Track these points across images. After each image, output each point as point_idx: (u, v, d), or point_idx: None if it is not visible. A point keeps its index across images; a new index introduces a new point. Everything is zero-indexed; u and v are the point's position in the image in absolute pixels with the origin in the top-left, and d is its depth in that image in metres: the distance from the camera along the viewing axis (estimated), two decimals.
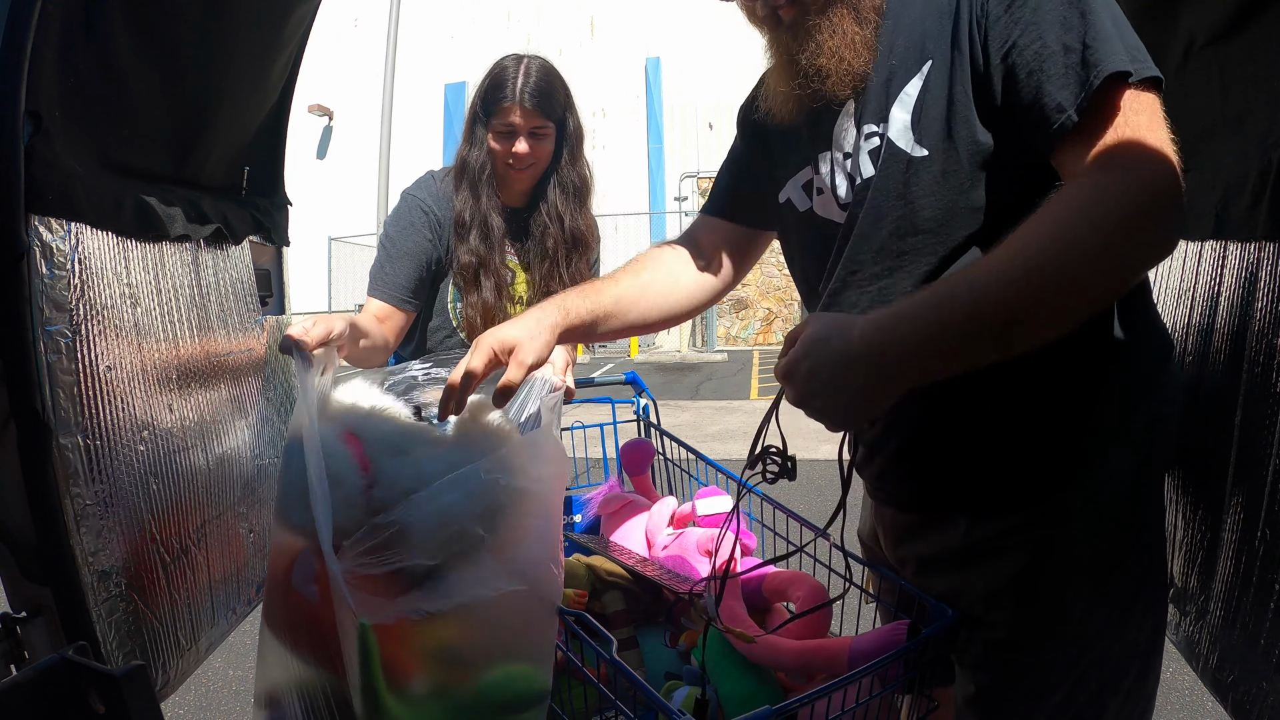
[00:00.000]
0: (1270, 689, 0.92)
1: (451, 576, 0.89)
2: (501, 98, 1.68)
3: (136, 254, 1.25)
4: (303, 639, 0.97)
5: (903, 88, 0.95)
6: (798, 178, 1.10)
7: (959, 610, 1.01)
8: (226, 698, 2.72)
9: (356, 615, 0.83)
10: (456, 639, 0.89)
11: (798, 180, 1.10)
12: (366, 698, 0.84)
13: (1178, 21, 1.15)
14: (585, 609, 1.13)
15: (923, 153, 0.94)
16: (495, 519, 0.94)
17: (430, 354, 1.88)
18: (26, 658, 1.03)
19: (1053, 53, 0.84)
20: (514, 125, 1.68)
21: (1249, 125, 1.01)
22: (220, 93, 1.45)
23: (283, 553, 1.02)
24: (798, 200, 1.11)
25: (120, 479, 1.18)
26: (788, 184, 1.12)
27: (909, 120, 0.95)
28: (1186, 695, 2.55)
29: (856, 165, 1.01)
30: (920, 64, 0.95)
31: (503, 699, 0.93)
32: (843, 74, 0.98)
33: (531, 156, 1.72)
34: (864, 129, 0.99)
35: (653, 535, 1.40)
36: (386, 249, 1.75)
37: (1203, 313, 1.14)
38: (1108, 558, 0.98)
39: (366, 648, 0.82)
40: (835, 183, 1.04)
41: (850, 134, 1.02)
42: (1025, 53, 0.86)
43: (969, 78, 0.91)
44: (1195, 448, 1.14)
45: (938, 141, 0.93)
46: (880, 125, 0.97)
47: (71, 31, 1.04)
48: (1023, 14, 0.86)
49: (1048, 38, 0.85)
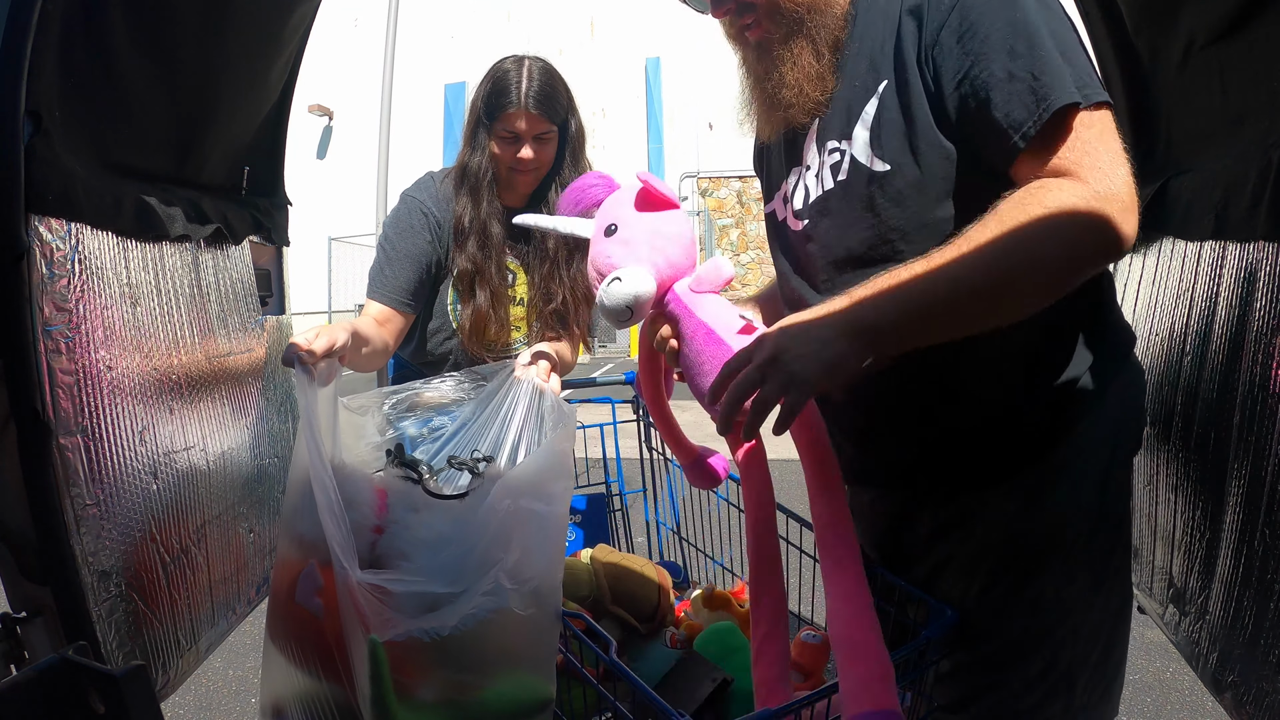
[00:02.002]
0: (1270, 689, 0.92)
1: (463, 600, 0.89)
2: (506, 103, 1.67)
3: (136, 254, 1.25)
4: (307, 652, 0.97)
5: (863, 107, 1.01)
6: (780, 191, 1.17)
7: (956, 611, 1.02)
8: (226, 698, 2.72)
9: (368, 631, 0.83)
10: (463, 653, 0.89)
11: (780, 193, 1.17)
12: (377, 710, 0.84)
13: (1178, 21, 1.15)
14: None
15: (884, 167, 0.99)
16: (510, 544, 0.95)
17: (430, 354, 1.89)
18: (26, 658, 1.03)
19: (999, 80, 0.90)
20: (519, 131, 1.68)
21: (1249, 125, 1.01)
22: (220, 92, 1.45)
23: (286, 567, 1.03)
24: (778, 210, 1.18)
25: (120, 479, 1.18)
26: (774, 198, 1.19)
27: (868, 137, 1.01)
28: (1186, 695, 2.55)
29: (818, 178, 1.07)
30: (876, 84, 1.01)
31: (508, 708, 0.93)
32: (804, 105, 1.06)
33: (536, 161, 1.72)
34: (826, 145, 1.06)
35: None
36: (386, 251, 1.75)
37: (1202, 312, 1.14)
38: (1079, 533, 1.03)
39: (377, 663, 0.83)
40: (794, 194, 1.12)
41: (812, 150, 1.09)
42: (975, 82, 0.91)
43: (924, 97, 0.97)
44: (1195, 447, 1.14)
45: (899, 156, 0.98)
46: (843, 143, 1.04)
47: (71, 31, 1.04)
48: (972, 45, 0.92)
49: (994, 66, 0.90)
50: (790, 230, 1.14)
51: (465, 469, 1.24)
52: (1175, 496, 1.20)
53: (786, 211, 1.15)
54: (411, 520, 1.05)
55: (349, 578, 0.85)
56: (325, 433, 1.06)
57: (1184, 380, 1.19)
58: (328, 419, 1.12)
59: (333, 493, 0.91)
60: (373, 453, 1.25)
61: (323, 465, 0.93)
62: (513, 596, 0.91)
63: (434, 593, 0.88)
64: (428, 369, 1.83)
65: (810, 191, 1.09)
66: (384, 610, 0.85)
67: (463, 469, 1.24)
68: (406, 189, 1.83)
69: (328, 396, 1.14)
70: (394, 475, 1.15)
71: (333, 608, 0.93)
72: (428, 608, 0.88)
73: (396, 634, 0.85)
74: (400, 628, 0.85)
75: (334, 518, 0.89)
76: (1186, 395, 1.18)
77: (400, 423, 1.32)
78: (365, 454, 1.24)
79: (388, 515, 1.05)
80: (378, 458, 1.24)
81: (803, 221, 1.10)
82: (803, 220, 1.10)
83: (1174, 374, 1.23)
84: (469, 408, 1.36)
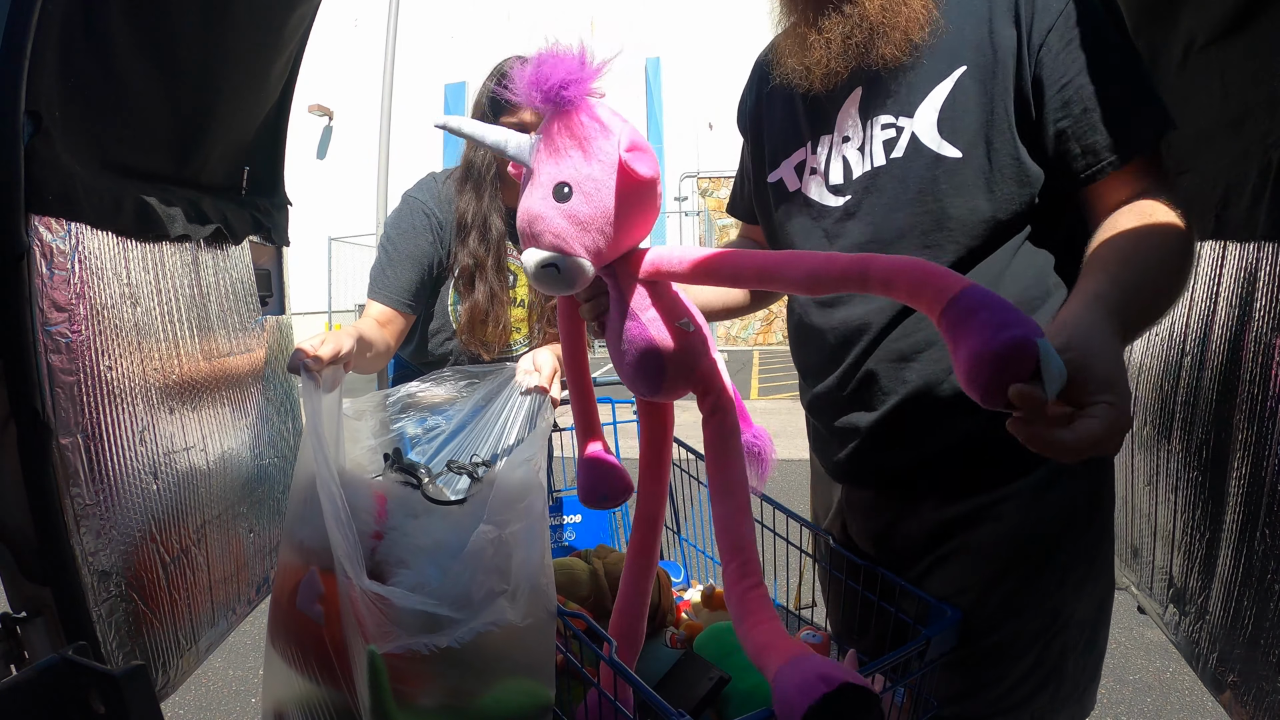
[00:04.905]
0: (1270, 689, 0.92)
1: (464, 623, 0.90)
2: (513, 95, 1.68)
3: (136, 254, 1.25)
4: (308, 657, 0.98)
5: (932, 88, 0.98)
6: (791, 159, 1.12)
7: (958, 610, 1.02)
8: (226, 698, 2.72)
9: (368, 641, 0.83)
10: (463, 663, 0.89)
11: (791, 161, 1.13)
12: (377, 717, 0.84)
13: (1178, 21, 1.15)
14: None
15: (955, 153, 0.97)
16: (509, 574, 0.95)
17: (430, 355, 1.88)
18: (26, 658, 1.03)
19: (1104, 95, 0.91)
20: (526, 123, 1.68)
21: (1249, 125, 1.01)
22: (220, 93, 1.45)
23: (288, 573, 1.03)
24: (789, 180, 1.13)
25: (120, 479, 1.18)
26: (781, 164, 1.14)
27: (936, 119, 0.98)
28: (1186, 695, 2.55)
29: (863, 152, 1.03)
30: (952, 68, 0.98)
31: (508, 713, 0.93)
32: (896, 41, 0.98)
33: None
34: (877, 119, 1.02)
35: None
36: (388, 252, 1.75)
37: (1202, 313, 1.14)
38: (1073, 532, 1.05)
39: (376, 672, 0.83)
40: (829, 167, 1.07)
41: (854, 122, 1.04)
42: (1083, 90, 0.92)
43: (1011, 94, 0.95)
44: (1195, 447, 1.14)
45: (972, 146, 0.97)
46: (901, 119, 1.00)
47: (71, 31, 1.04)
48: (1080, 53, 0.92)
49: (1098, 80, 0.91)
50: (816, 203, 1.09)
51: (464, 473, 1.24)
52: (1175, 496, 1.20)
53: (807, 183, 1.10)
54: (411, 527, 1.05)
55: (353, 587, 0.85)
56: (330, 440, 1.06)
57: (1184, 380, 1.19)
58: (332, 425, 1.12)
59: (339, 500, 0.91)
60: (370, 456, 1.25)
61: (329, 473, 0.93)
62: (510, 611, 0.91)
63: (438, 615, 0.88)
64: (428, 369, 1.83)
65: (852, 166, 1.05)
66: (385, 622, 0.85)
67: (461, 473, 1.24)
68: (408, 190, 1.83)
69: (332, 402, 1.14)
70: (393, 480, 1.15)
71: (334, 614, 0.93)
72: (429, 627, 0.88)
73: (395, 646, 0.85)
74: (400, 641, 0.85)
75: (340, 526, 0.89)
76: (1186, 395, 1.18)
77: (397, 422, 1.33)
78: (363, 458, 1.24)
79: (387, 521, 1.05)
80: (375, 461, 1.24)
81: (843, 197, 1.06)
82: (844, 195, 1.06)
83: (1174, 374, 1.23)
84: (468, 409, 1.36)
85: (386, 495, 1.10)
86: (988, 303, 0.63)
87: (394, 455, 1.23)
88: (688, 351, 0.88)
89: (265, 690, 1.06)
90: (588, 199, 0.81)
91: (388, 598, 0.86)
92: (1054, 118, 0.94)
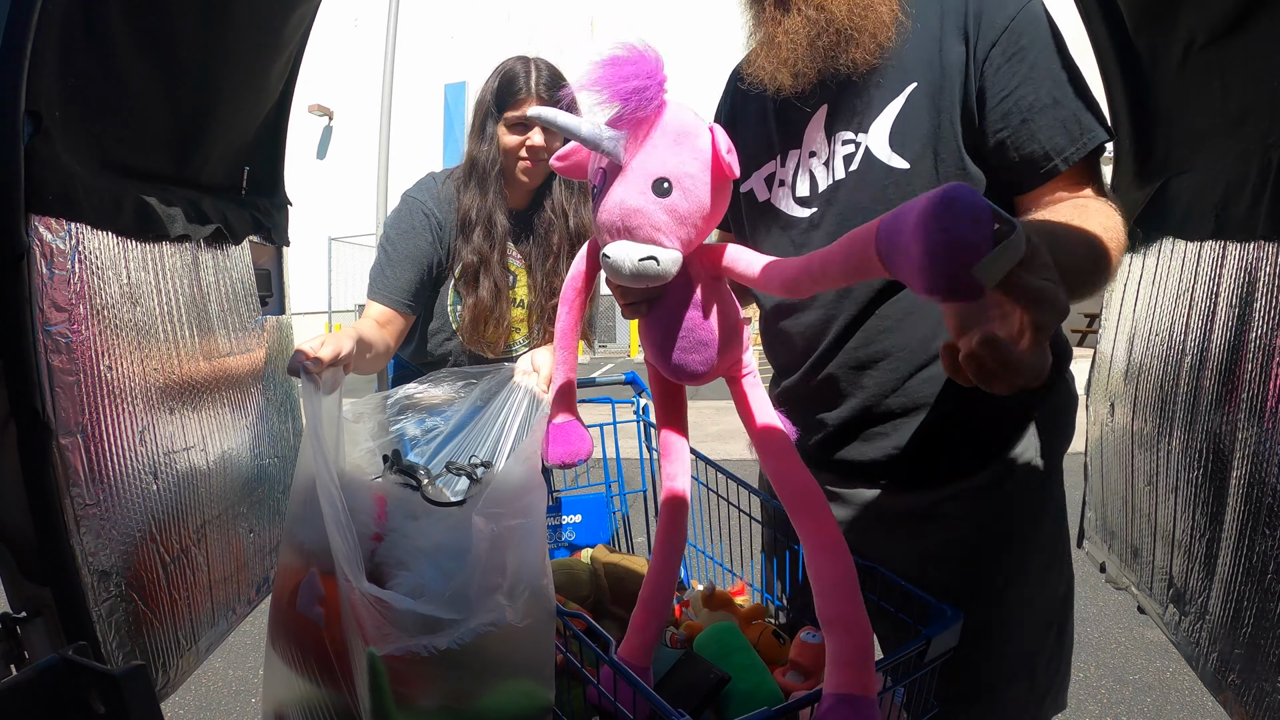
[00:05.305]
0: (1270, 689, 0.92)
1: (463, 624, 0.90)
2: (516, 90, 1.71)
3: (136, 254, 1.25)
4: (309, 659, 0.98)
5: (886, 105, 1.04)
6: (762, 170, 1.18)
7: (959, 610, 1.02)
8: (226, 698, 2.72)
9: (367, 644, 0.84)
10: (462, 665, 0.89)
11: (761, 173, 1.18)
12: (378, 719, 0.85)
13: (1178, 21, 1.14)
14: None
15: (903, 165, 1.03)
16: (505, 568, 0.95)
17: (430, 355, 1.88)
18: (26, 658, 1.03)
19: (1044, 106, 0.98)
20: (529, 117, 1.69)
21: (1249, 125, 1.01)
22: (220, 93, 1.45)
23: (288, 574, 1.03)
24: (759, 191, 1.19)
25: (120, 479, 1.18)
26: (753, 175, 1.20)
27: (889, 133, 1.04)
28: (1186, 695, 2.55)
29: (827, 166, 1.09)
30: (902, 85, 1.03)
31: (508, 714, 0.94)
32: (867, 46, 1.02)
33: (546, 149, 1.73)
34: (839, 135, 1.08)
35: None
36: (387, 252, 1.75)
37: (1202, 313, 1.14)
38: (1029, 522, 1.14)
39: (376, 674, 0.83)
40: (796, 179, 1.13)
41: (819, 138, 1.10)
42: (1022, 102, 0.98)
43: (958, 108, 1.01)
44: (1195, 447, 1.14)
45: (919, 158, 1.02)
46: (859, 135, 1.06)
47: (71, 31, 1.04)
48: (1021, 67, 0.98)
49: (1041, 91, 0.98)
50: (784, 214, 1.16)
51: (463, 474, 1.24)
52: (1175, 496, 1.20)
53: (776, 194, 1.17)
54: (410, 529, 1.05)
55: (353, 590, 0.85)
56: (330, 442, 1.06)
57: (1184, 380, 1.19)
58: (332, 427, 1.12)
59: (339, 503, 0.91)
60: (369, 458, 1.25)
61: (329, 475, 0.93)
62: (509, 611, 0.92)
63: (436, 618, 0.89)
64: (428, 370, 1.83)
65: (818, 180, 1.11)
66: (384, 625, 0.85)
67: (460, 474, 1.24)
68: (408, 190, 1.83)
69: (332, 404, 1.14)
70: (393, 481, 1.15)
71: (334, 616, 0.93)
72: (428, 629, 0.88)
73: (395, 649, 0.85)
74: (399, 643, 0.86)
75: (340, 528, 0.89)
76: (1187, 395, 1.18)
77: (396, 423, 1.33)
78: (362, 460, 1.24)
79: (387, 523, 1.06)
80: (374, 463, 1.24)
81: (809, 209, 1.12)
82: (810, 208, 1.12)
83: (1174, 374, 1.23)
84: (466, 409, 1.36)
85: (386, 497, 1.10)
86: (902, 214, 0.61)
87: (393, 457, 1.23)
88: (736, 338, 0.93)
89: (266, 691, 1.07)
90: (686, 194, 0.83)
91: (386, 600, 0.86)
92: (994, 129, 1.00)
